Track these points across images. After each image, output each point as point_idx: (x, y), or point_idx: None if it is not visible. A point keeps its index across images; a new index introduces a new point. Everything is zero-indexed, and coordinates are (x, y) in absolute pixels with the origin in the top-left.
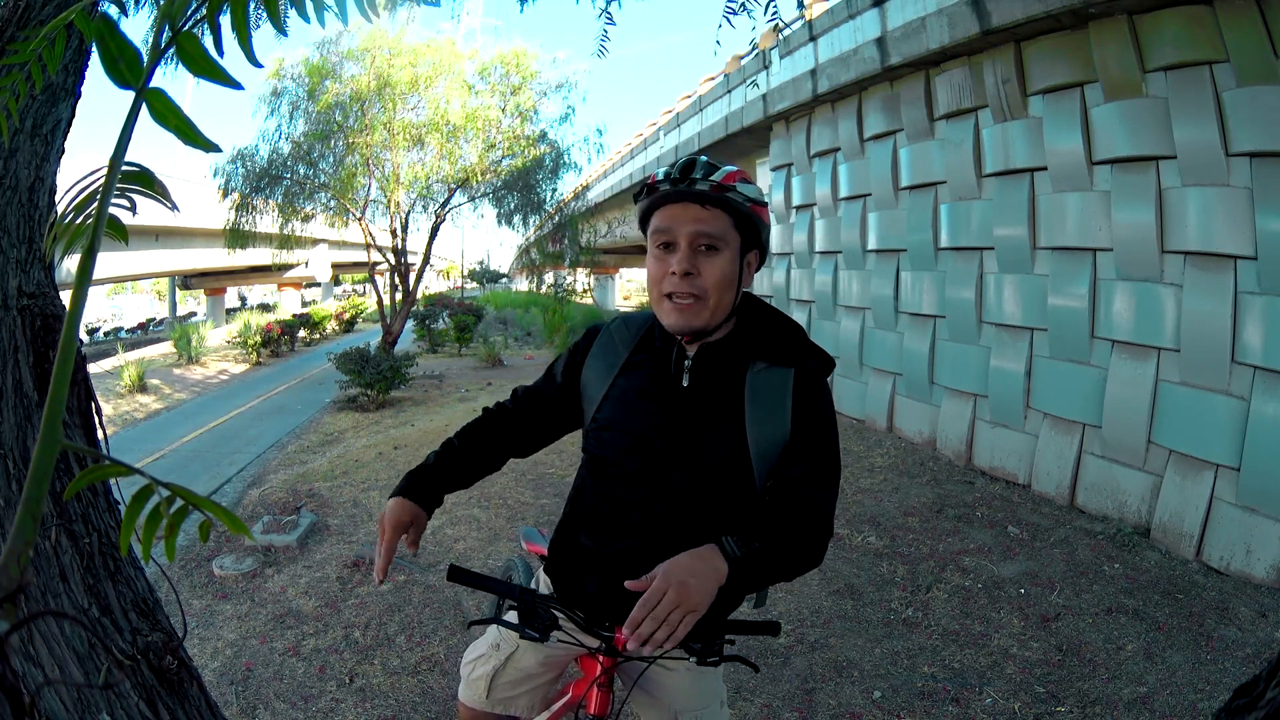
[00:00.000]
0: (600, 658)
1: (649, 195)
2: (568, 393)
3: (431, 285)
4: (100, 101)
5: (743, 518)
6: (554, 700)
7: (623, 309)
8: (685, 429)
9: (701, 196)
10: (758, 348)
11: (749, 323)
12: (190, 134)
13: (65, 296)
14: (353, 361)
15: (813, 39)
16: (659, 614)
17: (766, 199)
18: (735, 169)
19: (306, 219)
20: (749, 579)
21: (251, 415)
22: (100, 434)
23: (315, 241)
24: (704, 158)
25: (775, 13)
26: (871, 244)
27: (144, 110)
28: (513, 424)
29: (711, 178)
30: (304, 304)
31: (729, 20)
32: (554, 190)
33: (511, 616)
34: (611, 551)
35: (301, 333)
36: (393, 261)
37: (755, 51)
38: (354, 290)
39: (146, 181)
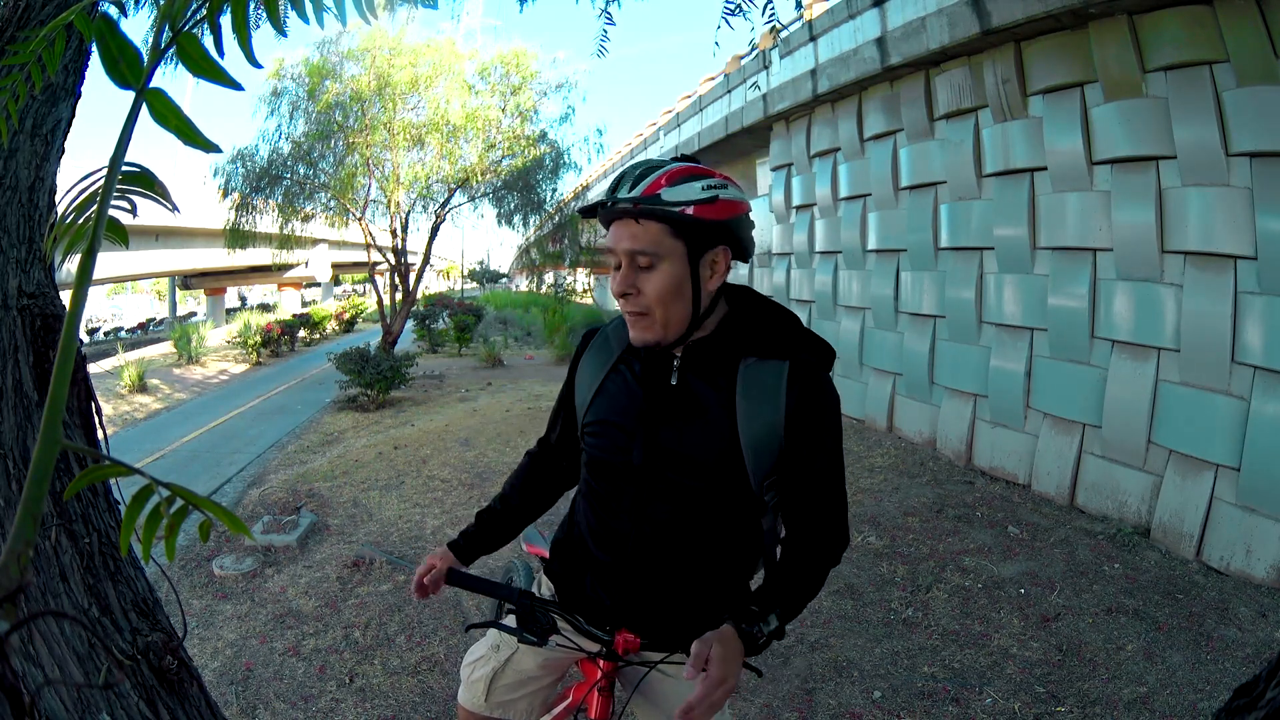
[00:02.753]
0: (600, 662)
1: (597, 216)
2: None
3: (431, 285)
4: (100, 101)
5: (739, 518)
6: (554, 704)
7: None
8: (673, 427)
9: (625, 213)
10: (748, 342)
11: (740, 316)
12: (190, 134)
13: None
14: (353, 361)
15: (813, 39)
16: (716, 701)
17: (722, 186)
18: (674, 167)
19: (306, 219)
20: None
21: (251, 415)
22: (100, 434)
23: (315, 241)
24: (644, 164)
25: (772, 14)
26: (871, 244)
27: (144, 110)
28: (548, 457)
29: (635, 191)
30: (304, 304)
31: (727, 22)
32: (554, 190)
33: (511, 620)
34: (609, 554)
35: (301, 333)
36: (393, 261)
37: (754, 52)
38: (354, 290)
39: (146, 182)
